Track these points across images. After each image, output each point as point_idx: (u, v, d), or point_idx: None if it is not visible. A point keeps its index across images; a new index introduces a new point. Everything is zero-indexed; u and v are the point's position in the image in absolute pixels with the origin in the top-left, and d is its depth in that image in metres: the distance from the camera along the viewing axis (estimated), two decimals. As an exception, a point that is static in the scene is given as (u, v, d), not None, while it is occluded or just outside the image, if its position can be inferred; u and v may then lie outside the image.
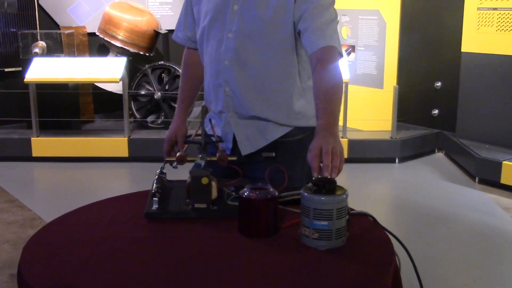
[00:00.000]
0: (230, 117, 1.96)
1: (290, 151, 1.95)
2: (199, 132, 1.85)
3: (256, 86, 1.90)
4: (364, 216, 1.69)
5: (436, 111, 5.90)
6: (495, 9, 5.04)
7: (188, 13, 2.07)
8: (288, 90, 1.92)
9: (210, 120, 1.97)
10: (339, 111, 1.74)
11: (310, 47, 1.81)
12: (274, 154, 1.94)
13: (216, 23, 1.91)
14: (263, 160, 1.94)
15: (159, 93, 5.75)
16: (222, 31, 1.89)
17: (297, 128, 1.96)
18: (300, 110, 1.95)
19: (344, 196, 1.50)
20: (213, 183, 1.69)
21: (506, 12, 4.97)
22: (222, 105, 1.95)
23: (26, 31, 5.78)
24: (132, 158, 5.38)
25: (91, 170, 5.24)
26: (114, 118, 6.06)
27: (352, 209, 1.67)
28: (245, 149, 1.97)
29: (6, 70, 5.95)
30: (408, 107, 5.84)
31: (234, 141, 1.98)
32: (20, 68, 5.65)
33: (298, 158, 1.92)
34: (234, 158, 1.79)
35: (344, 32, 5.95)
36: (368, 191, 4.76)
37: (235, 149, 1.99)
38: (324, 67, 1.76)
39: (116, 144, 5.40)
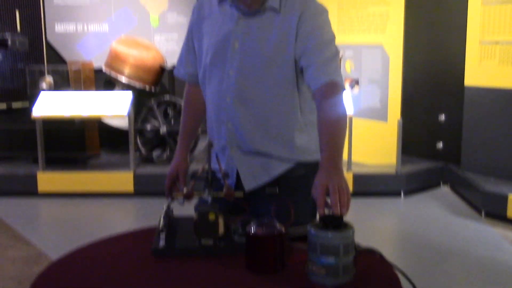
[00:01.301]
0: (233, 152, 1.98)
1: (294, 186, 1.96)
2: (206, 167, 1.86)
3: (258, 122, 1.92)
4: (371, 252, 1.68)
5: (440, 144, 5.91)
6: (497, 42, 5.09)
7: (190, 50, 2.09)
8: (290, 126, 1.94)
9: (216, 155, 1.98)
10: (343, 144, 1.72)
11: (314, 83, 1.82)
12: (277, 190, 1.96)
13: (218, 61, 1.93)
14: (267, 196, 1.96)
15: (164, 128, 5.78)
16: (223, 68, 1.92)
17: (300, 164, 1.97)
18: (302, 145, 1.96)
19: (351, 232, 1.50)
20: (220, 219, 1.69)
21: (508, 46, 5.02)
22: (225, 140, 1.97)
23: (33, 67, 5.86)
24: (138, 193, 5.38)
25: (97, 206, 5.23)
26: (120, 152, 6.08)
27: (359, 245, 1.67)
28: (249, 185, 1.98)
29: (13, 105, 6.01)
30: (413, 140, 5.85)
31: (238, 176, 2.00)
32: (27, 103, 5.70)
33: (302, 194, 1.90)
34: (241, 194, 1.79)
35: (348, 66, 6.01)
36: (374, 225, 4.74)
37: (238, 184, 1.99)
38: (328, 102, 1.77)
39: (121, 179, 5.41)
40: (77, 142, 5.88)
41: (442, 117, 5.84)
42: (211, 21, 1.98)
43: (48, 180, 5.39)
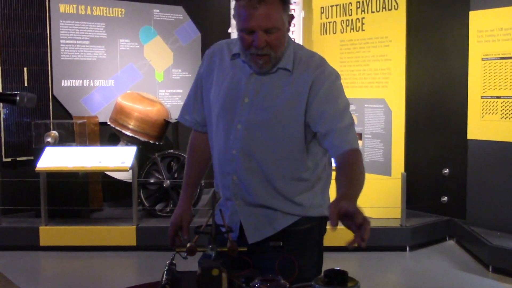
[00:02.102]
0: (237, 205, 1.99)
1: (298, 240, 1.96)
2: (209, 222, 1.85)
3: (263, 176, 1.94)
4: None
5: (445, 198, 5.87)
6: (498, 97, 5.15)
7: (198, 98, 2.11)
8: (295, 182, 1.96)
9: (220, 210, 1.97)
10: (361, 189, 1.78)
11: (335, 150, 1.87)
12: (281, 244, 1.96)
13: (226, 114, 1.96)
14: (270, 249, 1.95)
15: (168, 181, 5.79)
16: (232, 122, 1.94)
17: (304, 218, 1.98)
18: (307, 202, 1.98)
19: (357, 288, 1.48)
20: (224, 275, 1.67)
21: (509, 100, 5.06)
22: (230, 193, 1.99)
23: (39, 121, 5.92)
24: (140, 246, 5.33)
25: (99, 260, 5.18)
26: (123, 206, 6.07)
27: (364, 301, 1.64)
28: (253, 238, 1.98)
29: (18, 159, 6.04)
30: (417, 194, 5.83)
31: (241, 230, 1.99)
32: (32, 157, 5.73)
33: (306, 248, 1.97)
34: (245, 249, 1.78)
35: (351, 121, 6.05)
36: (379, 280, 4.66)
37: (241, 237, 1.98)
38: (352, 168, 1.83)
39: (124, 233, 5.37)
40: (80, 196, 5.87)
41: (446, 171, 5.84)
42: (222, 72, 2.00)
43: (51, 233, 5.36)
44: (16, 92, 1.81)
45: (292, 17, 1.91)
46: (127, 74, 6.74)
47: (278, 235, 1.97)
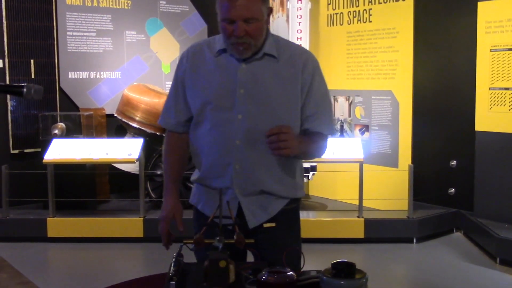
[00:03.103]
0: (237, 193, 2.06)
1: (288, 220, 2.15)
2: (217, 214, 1.85)
3: (265, 163, 2.05)
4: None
5: (452, 190, 5.86)
6: (506, 89, 5.11)
7: (179, 98, 2.15)
8: (292, 166, 2.14)
9: (228, 202, 1.97)
10: (309, 150, 2.11)
11: (311, 128, 2.11)
12: (275, 224, 2.10)
13: (223, 106, 2.03)
14: (264, 230, 2.09)
15: (175, 173, 5.79)
16: (231, 113, 2.02)
17: (291, 199, 2.16)
18: (298, 184, 2.17)
19: (364, 280, 1.48)
20: (231, 266, 1.67)
21: (518, 92, 5.03)
22: (230, 182, 2.06)
23: (46, 113, 5.94)
24: (147, 238, 5.35)
25: (106, 251, 5.20)
26: (130, 198, 6.08)
27: (372, 293, 1.64)
28: (252, 224, 2.08)
29: (25, 151, 6.07)
30: (424, 186, 5.81)
31: (238, 217, 2.06)
32: (39, 149, 5.75)
33: (294, 225, 2.20)
34: (252, 241, 1.78)
35: (358, 112, 6.03)
36: (386, 272, 4.66)
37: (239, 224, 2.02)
38: (318, 142, 2.13)
39: (131, 224, 5.39)
40: (88, 188, 5.89)
41: (454, 163, 5.81)
42: (208, 68, 2.07)
43: (58, 225, 5.38)
44: (23, 84, 1.80)
45: (271, 9, 2.03)
46: (133, 66, 6.74)
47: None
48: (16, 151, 6.05)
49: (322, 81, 2.13)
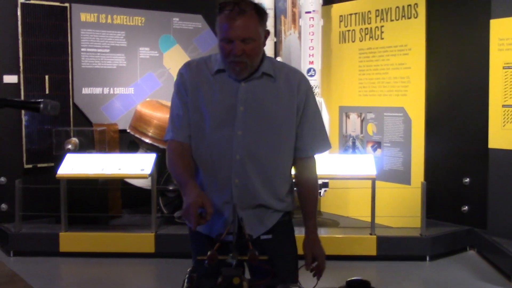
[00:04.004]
0: (237, 207, 2.03)
1: (283, 232, 2.23)
2: (230, 230, 1.85)
3: (264, 177, 2.13)
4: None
5: (465, 208, 5.81)
6: (520, 106, 5.09)
7: (185, 111, 2.15)
8: (287, 181, 2.22)
9: (241, 218, 1.98)
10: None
11: (302, 152, 2.22)
12: (271, 237, 2.17)
13: (223, 124, 2.09)
14: (260, 242, 2.13)
15: (186, 189, 5.79)
16: (231, 130, 2.09)
17: (285, 212, 2.24)
18: (288, 198, 2.24)
19: (379, 298, 1.47)
20: (244, 283, 1.67)
21: (532, 109, 5.01)
22: (229, 196, 2.11)
23: (60, 128, 5.98)
24: (159, 253, 5.35)
25: (118, 266, 5.20)
26: (142, 213, 6.09)
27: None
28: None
29: (39, 165, 6.11)
30: (437, 203, 5.77)
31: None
32: (52, 164, 5.79)
33: (289, 237, 2.26)
34: (265, 258, 1.78)
35: (370, 129, 6.03)
36: (399, 290, 4.62)
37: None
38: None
39: (143, 240, 5.39)
40: (100, 203, 5.91)
41: (467, 180, 5.77)
42: (209, 85, 2.12)
43: (70, 239, 5.40)
44: (40, 100, 1.83)
45: (268, 32, 2.12)
46: (146, 82, 6.80)
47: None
48: (30, 166, 6.09)
49: (314, 100, 2.24)
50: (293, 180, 2.29)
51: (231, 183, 2.10)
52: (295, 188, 2.29)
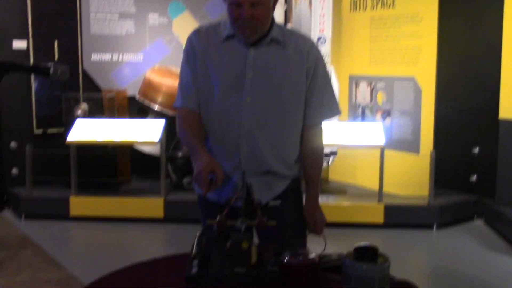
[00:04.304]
0: (245, 174, 2.05)
1: (291, 198, 2.23)
2: (239, 195, 1.86)
3: (272, 143, 2.12)
4: (407, 285, 1.66)
5: (474, 177, 5.81)
6: (532, 76, 5.03)
7: (195, 78, 2.15)
8: (296, 148, 2.21)
9: (250, 184, 1.99)
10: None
11: (310, 119, 2.20)
12: (279, 203, 2.17)
13: (232, 90, 2.08)
14: (268, 208, 2.12)
15: (195, 156, 5.81)
16: (240, 96, 2.08)
17: (294, 179, 2.24)
18: (299, 164, 2.24)
19: (387, 265, 1.48)
20: (253, 248, 1.69)
21: (544, 79, 4.95)
22: (237, 162, 2.10)
23: (69, 94, 5.99)
24: (168, 219, 5.41)
25: (127, 231, 5.27)
26: (151, 179, 6.14)
27: (393, 277, 1.65)
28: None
29: (49, 131, 6.15)
30: (445, 172, 5.76)
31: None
32: (62, 129, 5.82)
33: (297, 204, 2.27)
34: (274, 223, 1.79)
35: (380, 98, 5.99)
36: (406, 258, 4.65)
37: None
38: (317, 136, 2.24)
39: (152, 205, 5.45)
40: (109, 168, 5.95)
41: (476, 150, 5.76)
42: (216, 54, 2.11)
43: (80, 204, 5.47)
44: (49, 64, 1.82)
45: None
46: (155, 49, 6.76)
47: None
48: (40, 131, 6.13)
49: (324, 68, 2.22)
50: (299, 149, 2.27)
51: (239, 150, 2.10)
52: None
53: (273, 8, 2.09)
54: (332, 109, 2.24)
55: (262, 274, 1.67)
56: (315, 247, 1.99)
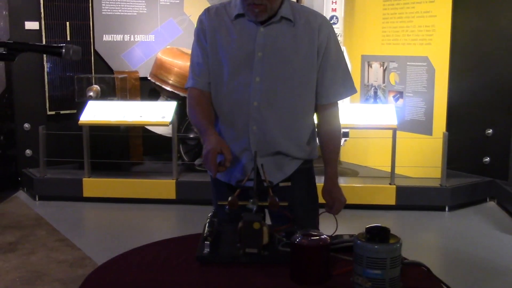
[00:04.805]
0: (256, 154, 2.04)
1: (302, 179, 2.20)
2: (251, 176, 1.86)
3: (282, 124, 2.09)
4: (418, 266, 1.65)
5: (487, 159, 5.76)
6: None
7: (205, 57, 2.13)
8: (308, 128, 2.18)
9: (262, 165, 1.98)
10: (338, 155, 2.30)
11: (325, 99, 2.16)
12: (290, 184, 2.14)
13: (241, 70, 2.05)
14: (279, 189, 2.10)
15: (207, 137, 5.82)
16: (249, 76, 2.05)
17: (305, 160, 2.20)
18: (312, 145, 2.22)
19: (398, 245, 1.47)
20: (265, 228, 1.69)
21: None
22: (247, 143, 2.08)
23: (81, 76, 6.00)
24: (180, 200, 5.44)
25: (139, 212, 5.31)
26: (163, 160, 6.16)
27: (405, 258, 1.64)
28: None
29: (61, 112, 6.17)
30: (458, 154, 5.73)
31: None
32: (75, 111, 5.84)
33: (310, 185, 2.25)
34: (285, 204, 1.79)
35: (392, 78, 5.94)
36: (418, 240, 4.65)
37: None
38: (334, 116, 2.21)
39: (164, 186, 5.47)
40: (122, 149, 5.98)
41: (490, 131, 5.71)
42: (228, 31, 2.08)
43: (93, 185, 5.50)
44: (61, 44, 1.82)
45: None
46: (167, 29, 6.74)
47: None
48: (53, 113, 6.15)
49: (337, 43, 2.16)
50: (315, 129, 2.24)
51: (249, 130, 2.07)
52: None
53: None
54: (347, 88, 2.19)
55: (273, 254, 1.67)
56: (327, 228, 1.99)
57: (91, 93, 5.78)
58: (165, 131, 6.06)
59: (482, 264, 4.09)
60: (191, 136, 5.93)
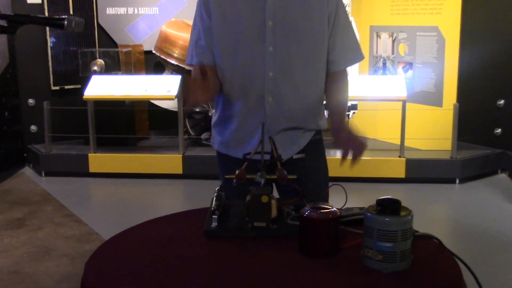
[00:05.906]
0: (270, 127, 2.05)
1: (315, 150, 2.20)
2: (259, 149, 1.81)
3: (297, 93, 2.07)
4: (429, 238, 1.61)
5: (499, 130, 5.68)
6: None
7: (209, 32, 2.06)
8: (320, 97, 2.16)
9: (270, 137, 1.93)
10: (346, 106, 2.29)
11: (336, 66, 2.14)
12: (304, 155, 2.14)
13: (252, 40, 2.01)
14: (293, 161, 2.11)
15: (213, 111, 5.77)
16: (261, 46, 2.00)
17: (317, 131, 2.20)
18: (323, 115, 2.21)
19: (409, 217, 1.43)
20: (273, 202, 1.64)
21: None
22: (263, 115, 2.05)
23: (85, 50, 5.94)
24: (186, 175, 5.41)
25: (146, 186, 5.29)
26: (169, 135, 6.12)
27: (416, 231, 1.60)
28: (282, 157, 2.03)
29: (66, 87, 6.13)
30: (469, 126, 5.64)
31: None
32: (79, 86, 5.79)
33: (321, 154, 2.25)
34: (294, 177, 1.74)
35: (401, 49, 5.84)
36: (428, 212, 4.60)
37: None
38: (344, 79, 2.20)
39: (170, 161, 5.44)
40: (127, 124, 5.94)
41: (501, 102, 5.61)
42: (234, 5, 2.01)
43: (99, 160, 5.48)
44: (63, 16, 1.76)
45: None
46: (171, 2, 6.64)
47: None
48: (57, 88, 6.11)
49: (345, 11, 2.14)
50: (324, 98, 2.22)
51: (265, 101, 2.04)
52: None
53: None
54: (355, 54, 2.18)
55: (282, 228, 1.63)
56: (336, 201, 1.94)
57: (95, 68, 5.72)
58: (171, 105, 6.01)
59: (493, 236, 4.05)
60: (197, 110, 5.87)
